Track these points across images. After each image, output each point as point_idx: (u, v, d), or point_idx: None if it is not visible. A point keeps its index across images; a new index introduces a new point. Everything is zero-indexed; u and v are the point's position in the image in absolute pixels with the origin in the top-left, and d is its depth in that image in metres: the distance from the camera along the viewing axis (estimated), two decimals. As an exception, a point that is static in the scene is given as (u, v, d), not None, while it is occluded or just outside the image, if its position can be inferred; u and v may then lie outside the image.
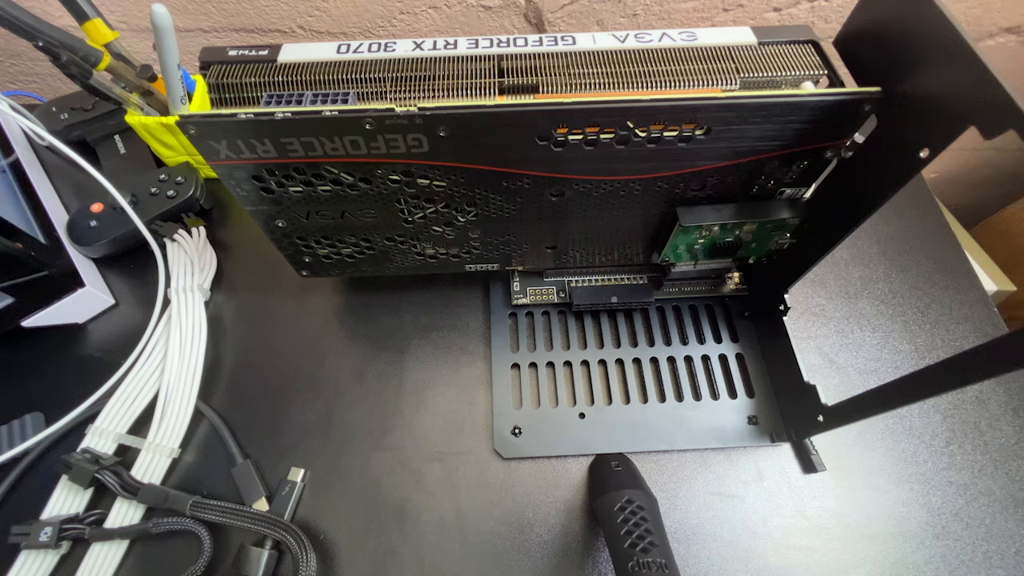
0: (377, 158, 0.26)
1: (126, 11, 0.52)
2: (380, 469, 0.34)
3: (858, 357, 0.38)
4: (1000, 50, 0.59)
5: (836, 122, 0.26)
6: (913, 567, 0.31)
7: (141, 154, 0.47)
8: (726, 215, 0.31)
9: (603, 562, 0.31)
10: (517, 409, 0.36)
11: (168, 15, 0.33)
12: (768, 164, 0.28)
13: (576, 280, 0.40)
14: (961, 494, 0.33)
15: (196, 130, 0.24)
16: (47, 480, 0.33)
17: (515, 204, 0.30)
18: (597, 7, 0.53)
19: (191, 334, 0.37)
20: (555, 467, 0.34)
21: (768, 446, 0.35)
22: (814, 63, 0.28)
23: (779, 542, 0.32)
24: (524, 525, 0.33)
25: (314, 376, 0.38)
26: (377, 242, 0.34)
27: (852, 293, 0.41)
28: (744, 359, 0.38)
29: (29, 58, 0.58)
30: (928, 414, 0.36)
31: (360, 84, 0.28)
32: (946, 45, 0.20)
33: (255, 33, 0.55)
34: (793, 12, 0.54)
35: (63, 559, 0.31)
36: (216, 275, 0.42)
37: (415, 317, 0.40)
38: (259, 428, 0.36)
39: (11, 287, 0.34)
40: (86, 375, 0.36)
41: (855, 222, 0.26)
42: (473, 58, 0.29)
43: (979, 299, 0.41)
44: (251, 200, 0.29)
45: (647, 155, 0.27)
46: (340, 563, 0.32)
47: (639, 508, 0.28)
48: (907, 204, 0.45)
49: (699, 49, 0.29)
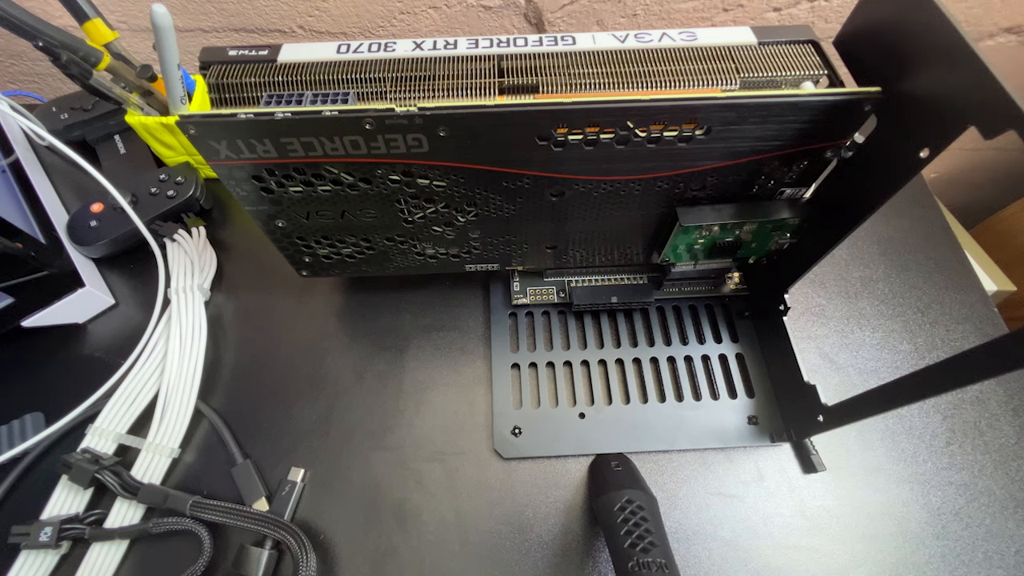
0: (377, 158, 0.26)
1: (126, 11, 0.52)
2: (380, 469, 0.34)
3: (858, 357, 0.38)
4: (1000, 50, 0.59)
5: (836, 122, 0.26)
6: (913, 567, 0.31)
7: (141, 154, 0.47)
8: (726, 215, 0.31)
9: (603, 562, 0.31)
10: (517, 409, 0.36)
11: (168, 15, 0.33)
12: (768, 164, 0.28)
13: (576, 280, 0.40)
14: (961, 494, 0.33)
15: (196, 130, 0.24)
16: (47, 480, 0.33)
17: (515, 204, 0.30)
18: (597, 7, 0.53)
19: (191, 334, 0.37)
20: (555, 467, 0.34)
21: (768, 446, 0.35)
22: (814, 63, 0.28)
23: (779, 542, 0.32)
24: (524, 525, 0.33)
25: (314, 376, 0.38)
26: (377, 242, 0.34)
27: (852, 293, 0.41)
28: (744, 359, 0.38)
29: (29, 58, 0.58)
30: (928, 414, 0.36)
31: (360, 84, 0.28)
32: (946, 45, 0.20)
33: (255, 33, 0.55)
34: (793, 12, 0.54)
35: (63, 559, 0.31)
36: (216, 275, 0.42)
37: (415, 317, 0.40)
38: (259, 428, 0.36)
39: (11, 287, 0.34)
40: (86, 375, 0.36)
41: (855, 222, 0.26)
42: (473, 58, 0.29)
43: (979, 299, 0.41)
44: (251, 200, 0.29)
45: (647, 155, 0.27)
46: (340, 563, 0.32)
47: (639, 508, 0.28)
48: (907, 204, 0.45)
49: (699, 49, 0.29)
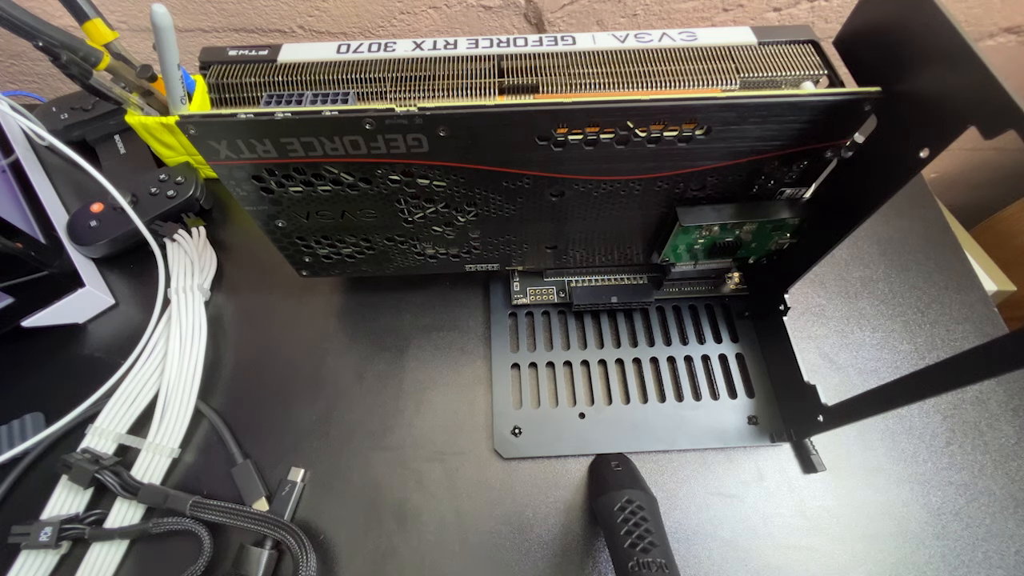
0: (377, 158, 0.26)
1: (126, 11, 0.52)
2: (380, 469, 0.34)
3: (858, 357, 0.38)
4: (1000, 50, 0.59)
5: (836, 122, 0.26)
6: (913, 567, 0.31)
7: (141, 154, 0.47)
8: (726, 215, 0.31)
9: (603, 562, 0.31)
10: (517, 409, 0.36)
11: (168, 15, 0.33)
12: (768, 164, 0.28)
13: (576, 280, 0.40)
14: (961, 494, 0.33)
15: (196, 130, 0.24)
16: (47, 480, 0.33)
17: (515, 204, 0.30)
18: (597, 7, 0.53)
19: (191, 334, 0.37)
20: (555, 467, 0.34)
21: (768, 446, 0.35)
22: (814, 63, 0.28)
23: (779, 542, 0.32)
24: (524, 525, 0.33)
25: (314, 376, 0.38)
26: (377, 242, 0.34)
27: (852, 293, 0.41)
28: (744, 359, 0.38)
29: (29, 58, 0.58)
30: (928, 414, 0.36)
31: (360, 84, 0.28)
32: (946, 45, 0.20)
33: (255, 33, 0.55)
34: (793, 12, 0.54)
35: (63, 559, 0.31)
36: (216, 275, 0.42)
37: (415, 317, 0.40)
38: (259, 428, 0.36)
39: (11, 287, 0.34)
40: (86, 375, 0.36)
41: (855, 222, 0.26)
42: (473, 58, 0.29)
43: (979, 299, 0.41)
44: (251, 200, 0.29)
45: (647, 155, 0.27)
46: (340, 563, 0.32)
47: (639, 508, 0.28)
48: (907, 204, 0.45)
49: (699, 49, 0.29)
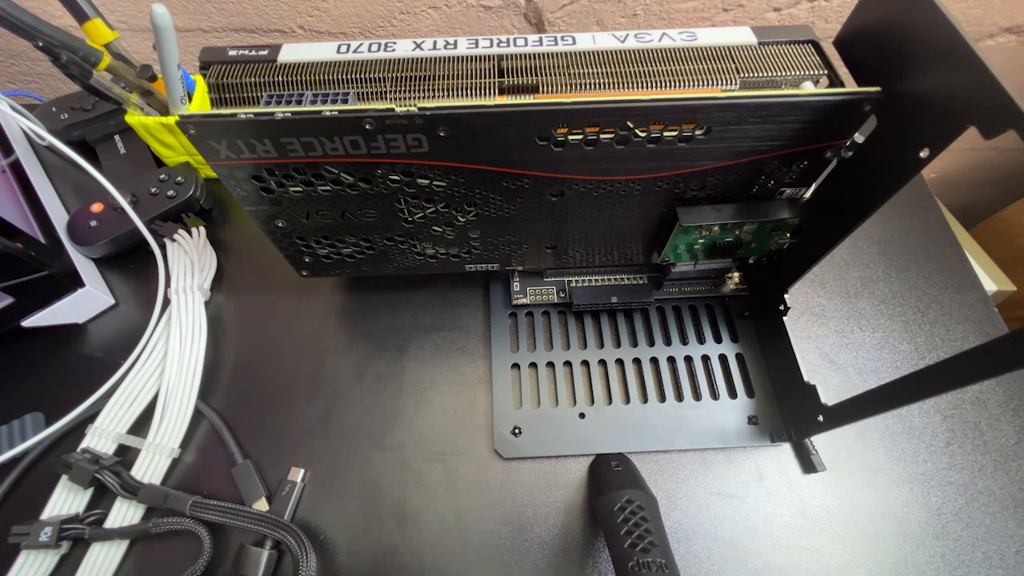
0: (377, 158, 0.26)
1: (126, 11, 0.52)
2: (380, 469, 0.34)
3: (858, 357, 0.38)
4: (1000, 50, 0.59)
5: (836, 122, 0.26)
6: (913, 567, 0.31)
7: (141, 154, 0.47)
8: (726, 215, 0.31)
9: (603, 562, 0.31)
10: (517, 409, 0.36)
11: (168, 15, 0.32)
12: (768, 164, 0.28)
13: (576, 280, 0.40)
14: (961, 494, 0.33)
15: (196, 130, 0.24)
16: (47, 480, 0.33)
17: (515, 204, 0.30)
18: (597, 7, 0.53)
19: (191, 334, 0.37)
20: (555, 467, 0.34)
21: (768, 446, 0.35)
22: (814, 63, 0.28)
23: (779, 542, 0.32)
24: (524, 525, 0.33)
25: (314, 376, 0.38)
26: (377, 242, 0.34)
27: (852, 293, 0.41)
28: (744, 359, 0.38)
29: (29, 58, 0.58)
30: (928, 414, 0.36)
31: (360, 84, 0.28)
32: (946, 45, 0.20)
33: (255, 33, 0.55)
34: (793, 12, 0.54)
35: (63, 559, 0.31)
36: (216, 275, 0.42)
37: (415, 317, 0.40)
38: (259, 428, 0.36)
39: (11, 287, 0.34)
40: (86, 375, 0.36)
41: (855, 222, 0.26)
42: (473, 58, 0.29)
43: (979, 299, 0.41)
44: (251, 200, 0.29)
45: (647, 155, 0.27)
46: (340, 563, 0.32)
47: (639, 508, 0.28)
48: (907, 204, 0.45)
49: (699, 49, 0.29)
